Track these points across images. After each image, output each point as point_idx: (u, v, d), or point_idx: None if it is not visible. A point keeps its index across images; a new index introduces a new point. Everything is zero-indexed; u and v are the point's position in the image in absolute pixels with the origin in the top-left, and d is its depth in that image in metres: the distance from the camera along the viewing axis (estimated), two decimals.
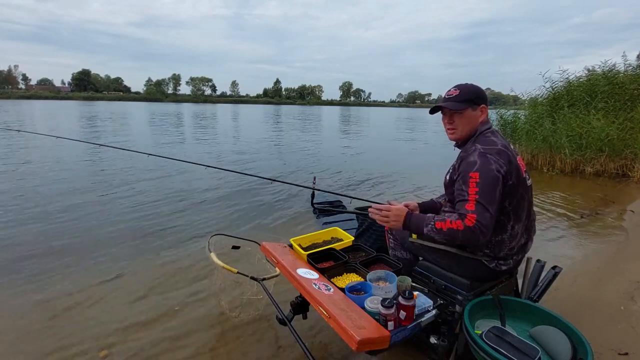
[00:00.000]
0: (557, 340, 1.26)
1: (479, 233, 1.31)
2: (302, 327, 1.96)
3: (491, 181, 1.34)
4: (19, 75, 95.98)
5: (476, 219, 1.30)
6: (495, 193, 1.34)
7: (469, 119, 1.52)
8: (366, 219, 2.57)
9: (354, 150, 10.35)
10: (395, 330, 1.25)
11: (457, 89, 1.54)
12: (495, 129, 1.56)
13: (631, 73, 7.58)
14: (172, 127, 16.75)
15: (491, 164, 1.36)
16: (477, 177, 1.35)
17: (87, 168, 6.66)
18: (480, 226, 1.30)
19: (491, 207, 1.32)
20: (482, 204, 1.32)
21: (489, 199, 1.33)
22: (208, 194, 5.00)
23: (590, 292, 2.42)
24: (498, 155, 1.38)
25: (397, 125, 24.57)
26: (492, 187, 1.34)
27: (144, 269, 2.80)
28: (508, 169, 1.37)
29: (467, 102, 1.50)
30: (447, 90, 1.58)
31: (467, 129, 1.53)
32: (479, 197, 1.33)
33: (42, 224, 3.71)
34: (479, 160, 1.38)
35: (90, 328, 2.07)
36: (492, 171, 1.35)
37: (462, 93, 1.52)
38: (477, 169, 1.36)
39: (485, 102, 1.54)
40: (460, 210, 1.36)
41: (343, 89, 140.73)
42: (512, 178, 1.38)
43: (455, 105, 1.51)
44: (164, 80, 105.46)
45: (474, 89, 1.53)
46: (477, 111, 1.52)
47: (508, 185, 1.38)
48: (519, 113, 8.78)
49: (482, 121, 1.53)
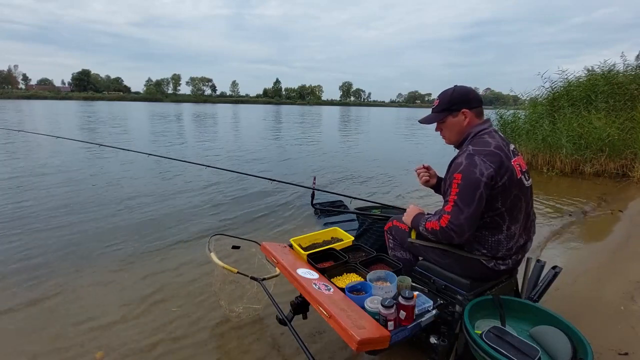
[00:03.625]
0: (557, 340, 1.26)
1: (452, 233, 1.37)
2: (302, 327, 1.96)
3: (472, 182, 1.35)
4: (19, 75, 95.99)
5: (449, 220, 1.37)
6: (474, 194, 1.35)
7: (452, 126, 1.55)
8: (366, 219, 2.56)
9: (354, 150, 10.36)
10: (395, 330, 1.25)
11: (437, 98, 1.60)
12: (495, 129, 1.54)
13: (630, 73, 7.58)
14: (172, 127, 16.74)
15: (476, 165, 1.36)
16: (459, 178, 1.38)
17: (86, 168, 6.66)
18: (452, 226, 1.36)
19: (467, 208, 1.35)
20: (457, 205, 1.37)
21: (466, 200, 1.35)
22: (208, 194, 5.00)
23: (590, 292, 2.41)
24: (487, 156, 1.38)
25: (397, 125, 24.57)
26: (472, 188, 1.35)
27: (143, 269, 2.80)
28: (497, 170, 1.36)
29: (445, 111, 1.55)
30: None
31: (454, 134, 1.57)
32: (457, 198, 1.37)
33: (40, 224, 3.71)
34: (465, 161, 1.40)
35: (88, 329, 2.07)
36: (474, 173, 1.35)
37: (440, 103, 1.57)
38: (460, 171, 1.39)
39: (467, 105, 1.51)
40: (441, 210, 1.43)
41: (343, 89, 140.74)
42: (503, 179, 1.38)
43: (433, 117, 1.59)
44: (164, 80, 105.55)
45: (452, 96, 1.54)
46: (459, 116, 1.52)
47: (498, 186, 1.37)
48: (519, 113, 8.77)
49: (469, 124, 1.52)
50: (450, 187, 1.40)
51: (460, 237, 1.39)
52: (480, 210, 1.38)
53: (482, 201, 1.36)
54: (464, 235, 1.38)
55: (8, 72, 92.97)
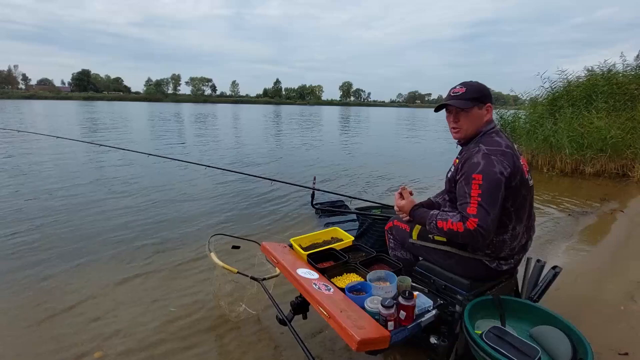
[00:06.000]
0: (557, 340, 1.26)
1: (479, 236, 1.31)
2: (302, 327, 1.96)
3: (494, 184, 1.33)
4: (19, 75, 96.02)
5: (477, 223, 1.30)
6: (497, 195, 1.33)
7: (474, 118, 1.48)
8: (367, 219, 2.57)
9: (354, 150, 10.35)
10: (395, 330, 1.25)
11: (463, 86, 1.50)
12: (500, 129, 1.53)
13: (630, 73, 7.58)
14: (172, 127, 16.74)
15: (494, 165, 1.34)
16: (480, 179, 1.33)
17: (86, 168, 6.66)
18: (481, 230, 1.30)
19: (493, 210, 1.31)
20: (484, 207, 1.31)
21: (491, 201, 1.32)
22: (208, 194, 5.00)
23: (590, 292, 2.41)
24: (502, 156, 1.37)
25: (397, 124, 24.56)
26: (495, 189, 1.32)
27: (142, 269, 2.80)
28: (512, 170, 1.35)
29: (474, 100, 1.46)
30: (452, 87, 1.54)
31: (472, 128, 1.50)
32: (482, 199, 1.32)
33: (39, 224, 3.71)
34: (483, 161, 1.36)
35: (86, 329, 2.07)
36: (495, 173, 1.33)
37: (468, 91, 1.48)
38: (480, 171, 1.34)
39: (491, 101, 1.51)
40: (463, 212, 1.35)
41: (343, 89, 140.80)
42: (516, 179, 1.37)
43: (461, 104, 1.47)
44: (164, 80, 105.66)
45: (481, 87, 1.50)
46: (483, 110, 1.49)
47: (511, 186, 1.37)
48: (519, 113, 8.77)
49: (487, 120, 1.50)
50: (470, 188, 1.35)
51: (486, 240, 1.35)
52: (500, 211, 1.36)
53: (502, 202, 1.34)
54: (489, 237, 1.34)
55: (8, 72, 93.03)
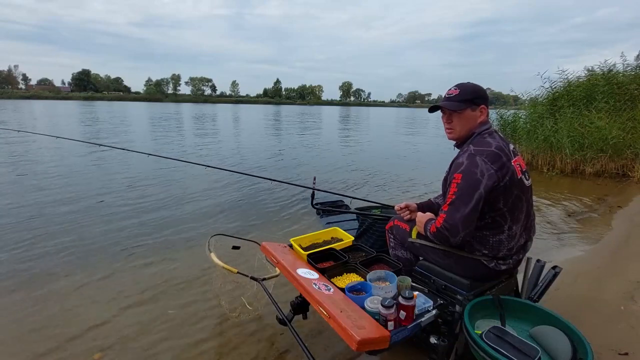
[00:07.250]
0: (557, 340, 1.26)
1: (446, 232, 1.36)
2: (302, 327, 1.96)
3: (471, 183, 1.34)
4: (19, 75, 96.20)
5: (444, 219, 1.36)
6: (472, 195, 1.33)
7: (467, 120, 1.50)
8: (367, 219, 2.56)
9: (354, 150, 10.35)
10: (395, 330, 1.25)
11: (457, 88, 1.52)
12: (495, 129, 1.54)
13: (630, 73, 7.58)
14: (172, 127, 16.74)
15: (477, 165, 1.36)
16: (459, 178, 1.37)
17: (86, 168, 6.66)
18: (446, 225, 1.35)
19: (464, 207, 1.33)
20: (454, 204, 1.35)
21: (464, 200, 1.34)
22: (208, 194, 5.00)
23: (590, 292, 2.41)
24: (488, 157, 1.37)
25: (397, 124, 24.56)
26: (471, 189, 1.34)
27: (142, 269, 2.80)
28: (498, 171, 1.36)
29: (467, 102, 1.49)
30: (448, 89, 1.56)
31: (465, 129, 1.52)
32: (454, 197, 1.36)
33: (38, 223, 3.71)
34: (467, 161, 1.39)
35: (86, 329, 2.06)
36: (475, 174, 1.34)
37: (462, 92, 1.50)
38: (461, 171, 1.38)
39: (486, 102, 1.52)
40: (440, 212, 1.42)
41: (343, 89, 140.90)
42: (504, 180, 1.37)
43: (454, 105, 1.49)
44: (164, 80, 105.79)
45: (474, 89, 1.51)
46: (477, 112, 1.50)
47: (499, 187, 1.37)
48: (519, 113, 8.77)
49: (481, 122, 1.51)
50: (450, 187, 1.40)
51: (454, 237, 1.36)
52: (477, 211, 1.36)
53: (480, 202, 1.34)
54: (457, 235, 1.36)
55: (8, 72, 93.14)
